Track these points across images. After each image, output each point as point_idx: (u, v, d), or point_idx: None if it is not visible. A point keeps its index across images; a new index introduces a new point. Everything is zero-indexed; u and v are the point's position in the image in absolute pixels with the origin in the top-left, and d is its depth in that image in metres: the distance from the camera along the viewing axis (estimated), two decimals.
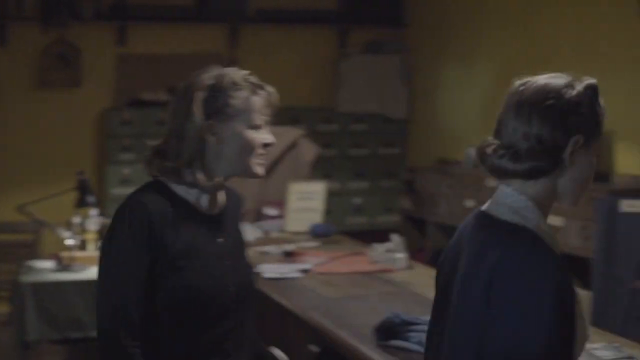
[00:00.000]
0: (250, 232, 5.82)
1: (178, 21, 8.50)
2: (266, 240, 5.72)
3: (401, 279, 4.59)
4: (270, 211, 6.19)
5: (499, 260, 1.97)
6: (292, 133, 6.67)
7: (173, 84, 8.42)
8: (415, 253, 7.54)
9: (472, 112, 7.96)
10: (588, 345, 3.12)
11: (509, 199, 2.08)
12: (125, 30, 8.34)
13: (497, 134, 2.10)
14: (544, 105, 2.00)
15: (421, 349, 3.14)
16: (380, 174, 8.82)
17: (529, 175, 2.02)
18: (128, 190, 3.14)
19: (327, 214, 6.29)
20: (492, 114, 7.75)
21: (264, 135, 2.53)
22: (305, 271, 4.64)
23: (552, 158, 2.00)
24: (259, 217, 6.31)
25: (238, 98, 2.48)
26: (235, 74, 2.52)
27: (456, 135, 8.22)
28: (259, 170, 2.54)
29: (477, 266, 2.02)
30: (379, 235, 5.50)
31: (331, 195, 7.78)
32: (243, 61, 8.80)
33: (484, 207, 2.18)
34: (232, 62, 8.68)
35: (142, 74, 8.41)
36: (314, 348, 3.73)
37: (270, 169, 6.48)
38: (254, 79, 2.55)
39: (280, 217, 6.12)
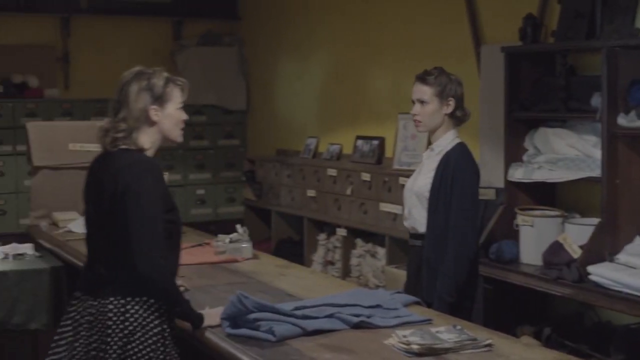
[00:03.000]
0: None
1: (9, 11, 8.26)
2: None
3: (247, 269, 4.62)
4: None
5: None
6: None
7: (5, 75, 8.24)
8: (261, 243, 7.60)
9: (309, 103, 8.07)
10: (432, 328, 3.25)
11: None
12: None
13: None
14: None
15: (271, 337, 3.20)
16: (221, 165, 8.83)
17: None
18: None
19: None
20: (327, 105, 7.88)
21: (184, 114, 3.52)
22: None
23: None
24: None
25: (169, 87, 3.46)
26: (161, 71, 3.50)
27: (294, 126, 8.31)
28: (181, 138, 3.55)
29: None
30: (223, 226, 5.51)
31: (174, 187, 7.76)
32: (75, 53, 8.66)
33: None
34: (64, 54, 8.51)
35: None
36: None
37: None
38: (168, 73, 3.52)
39: None
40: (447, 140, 4.18)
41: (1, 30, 8.34)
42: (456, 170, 4.04)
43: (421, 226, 4.17)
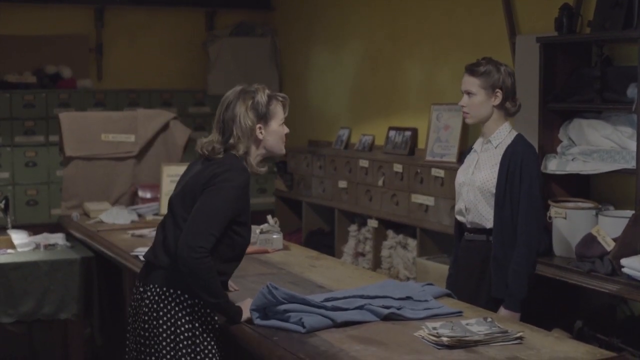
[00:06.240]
0: (125, 215, 5.76)
1: (43, 2, 8.32)
2: (141, 223, 5.68)
3: (277, 259, 4.62)
4: (145, 194, 6.14)
5: None
6: (164, 116, 6.62)
7: (39, 66, 8.27)
8: (291, 234, 7.59)
9: (341, 94, 8.04)
10: (462, 320, 3.22)
11: None
12: None
13: None
14: None
15: (301, 328, 3.19)
16: None
17: None
18: None
19: None
20: (359, 96, 7.83)
21: (286, 128, 3.68)
22: None
23: None
24: (133, 200, 6.24)
25: (272, 104, 3.59)
26: (264, 89, 3.59)
27: (326, 116, 8.29)
28: (284, 150, 3.72)
29: None
30: (254, 217, 5.48)
31: None
32: (108, 44, 8.69)
33: None
34: (98, 45, 8.54)
35: (7, 55, 8.20)
36: None
37: (143, 151, 6.42)
38: (270, 90, 3.63)
39: (154, 200, 6.07)
40: (503, 133, 4.19)
41: (35, 20, 8.39)
42: (524, 167, 4.05)
43: (487, 222, 4.17)
